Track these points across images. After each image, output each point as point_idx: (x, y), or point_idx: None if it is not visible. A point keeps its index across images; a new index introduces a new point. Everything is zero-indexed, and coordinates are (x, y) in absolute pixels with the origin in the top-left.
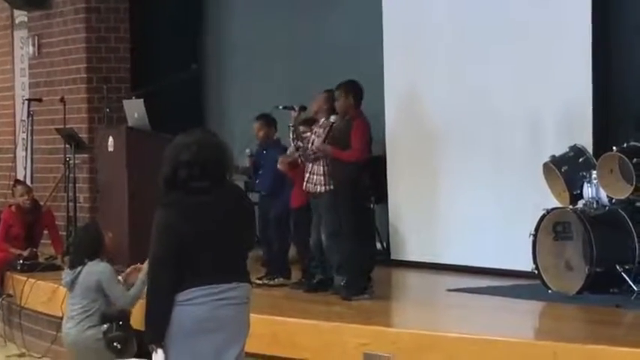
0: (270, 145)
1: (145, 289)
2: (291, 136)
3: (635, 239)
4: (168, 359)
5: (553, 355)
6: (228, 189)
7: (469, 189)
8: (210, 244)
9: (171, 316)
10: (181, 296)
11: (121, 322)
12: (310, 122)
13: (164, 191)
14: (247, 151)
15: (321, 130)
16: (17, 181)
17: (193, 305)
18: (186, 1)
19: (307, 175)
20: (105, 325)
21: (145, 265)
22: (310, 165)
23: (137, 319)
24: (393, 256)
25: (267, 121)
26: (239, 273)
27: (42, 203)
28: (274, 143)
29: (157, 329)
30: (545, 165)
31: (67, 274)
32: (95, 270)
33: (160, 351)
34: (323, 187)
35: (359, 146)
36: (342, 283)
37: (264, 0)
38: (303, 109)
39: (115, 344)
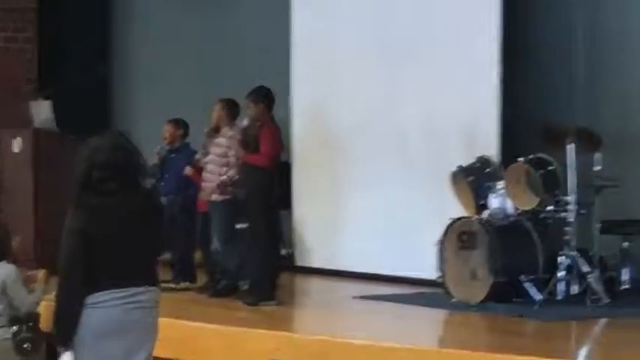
0: (179, 149)
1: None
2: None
3: (539, 250)
4: None
5: None
6: (140, 192)
7: (374, 197)
8: (120, 247)
9: (81, 318)
10: (91, 299)
11: (30, 324)
12: (215, 131)
13: (77, 193)
14: (157, 148)
15: (224, 140)
16: None
17: (102, 308)
18: (94, 3)
19: (203, 183)
20: (14, 327)
21: (41, 275)
22: (207, 174)
23: (46, 320)
24: (297, 263)
25: (178, 124)
26: (149, 277)
27: None
28: (183, 147)
29: (66, 331)
30: (452, 175)
31: None
32: (0, 272)
33: (68, 353)
34: (216, 197)
35: (267, 151)
36: (246, 288)
37: (171, 6)
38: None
39: (24, 346)
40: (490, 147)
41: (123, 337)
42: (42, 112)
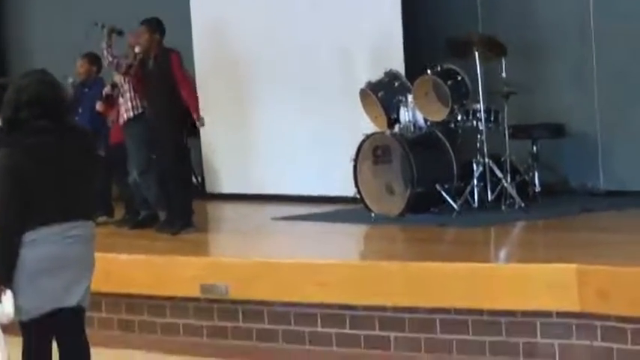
0: (92, 84)
1: None
2: (104, 47)
3: (453, 159)
4: (17, 299)
5: (382, 274)
6: (69, 127)
7: (283, 119)
8: (54, 183)
9: (19, 256)
10: (27, 237)
11: None
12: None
13: (6, 133)
14: (70, 80)
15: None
16: None
17: (39, 245)
18: None
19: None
20: None
21: None
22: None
23: None
24: (208, 190)
25: (91, 58)
26: (83, 211)
27: None
28: (95, 81)
29: (5, 270)
30: (361, 91)
31: None
32: None
33: (8, 292)
34: (131, 113)
35: (188, 81)
36: (164, 218)
37: None
38: (113, 30)
39: None
40: (396, 61)
41: (62, 271)
42: None
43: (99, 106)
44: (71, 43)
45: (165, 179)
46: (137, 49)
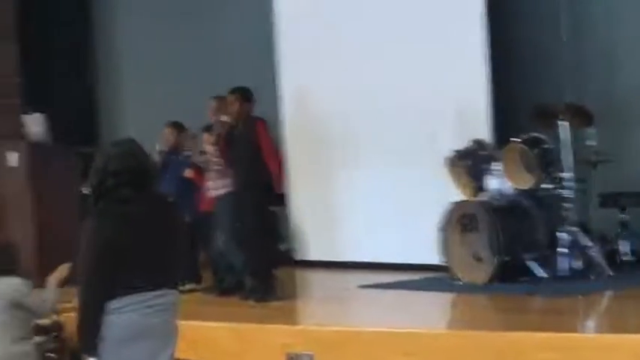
0: (178, 152)
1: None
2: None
3: (540, 228)
4: None
5: (471, 344)
6: (156, 197)
7: (369, 186)
8: (139, 253)
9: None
10: (112, 305)
11: (55, 334)
12: (210, 128)
13: (93, 201)
14: (157, 146)
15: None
16: None
17: (124, 313)
18: (75, 14)
19: (209, 182)
20: (38, 337)
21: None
22: (210, 172)
23: (70, 330)
24: (298, 257)
25: (177, 128)
26: (168, 280)
27: None
28: (182, 150)
29: (91, 339)
30: (447, 159)
31: None
32: (9, 287)
33: None
34: (221, 191)
35: (272, 149)
36: (251, 286)
37: (152, 7)
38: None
39: (50, 355)
40: (482, 128)
41: (145, 341)
42: (36, 125)
43: (188, 172)
44: (159, 111)
45: (249, 246)
46: (225, 118)
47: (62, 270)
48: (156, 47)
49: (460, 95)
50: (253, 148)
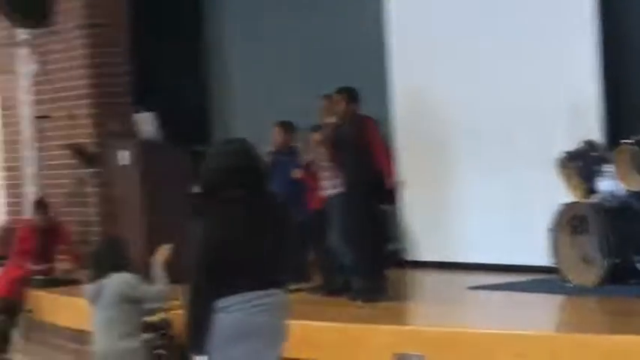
0: (287, 152)
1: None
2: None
3: None
4: None
5: (580, 347)
6: (267, 197)
7: (481, 187)
8: (247, 252)
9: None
10: (219, 304)
11: (163, 331)
12: (319, 128)
13: (204, 200)
14: (267, 148)
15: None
16: (38, 201)
17: (230, 312)
18: (184, 10)
19: (324, 181)
20: (146, 335)
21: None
22: (324, 171)
23: (179, 328)
24: (407, 258)
25: (287, 127)
26: (276, 279)
27: (55, 219)
28: (291, 150)
29: (200, 337)
30: (559, 160)
31: (90, 288)
32: (119, 281)
33: (202, 358)
34: (333, 191)
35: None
36: (359, 286)
37: (263, 6)
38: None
39: (158, 352)
40: (593, 129)
41: (251, 340)
42: (147, 123)
43: (298, 172)
44: (270, 110)
45: (359, 246)
46: (332, 119)
47: (163, 251)
48: (265, 46)
49: (571, 95)
50: (359, 148)
